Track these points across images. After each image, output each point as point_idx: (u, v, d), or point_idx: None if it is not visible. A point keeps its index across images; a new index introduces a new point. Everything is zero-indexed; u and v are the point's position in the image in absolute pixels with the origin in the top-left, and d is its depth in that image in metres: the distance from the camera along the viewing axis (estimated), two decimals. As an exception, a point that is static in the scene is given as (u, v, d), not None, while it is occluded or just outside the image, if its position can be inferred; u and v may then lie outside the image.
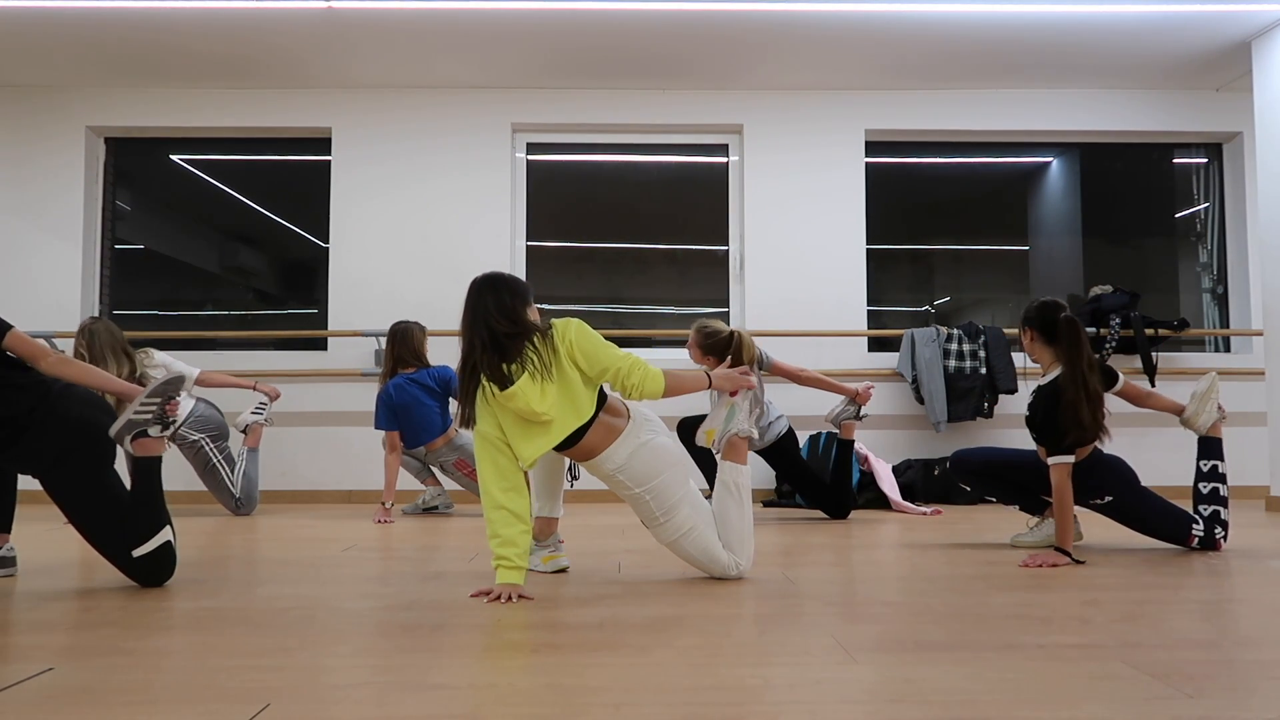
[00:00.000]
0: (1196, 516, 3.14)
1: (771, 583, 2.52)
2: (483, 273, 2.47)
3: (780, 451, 4.31)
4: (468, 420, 2.39)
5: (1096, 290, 5.53)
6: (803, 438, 5.25)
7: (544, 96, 5.56)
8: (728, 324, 5.58)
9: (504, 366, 2.31)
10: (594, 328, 2.45)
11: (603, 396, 2.46)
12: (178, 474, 5.32)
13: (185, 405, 4.47)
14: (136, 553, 2.40)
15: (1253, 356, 5.52)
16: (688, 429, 4.17)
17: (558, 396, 2.33)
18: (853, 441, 4.39)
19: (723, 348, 3.99)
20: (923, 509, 4.61)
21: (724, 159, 5.74)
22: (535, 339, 2.34)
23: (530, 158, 5.71)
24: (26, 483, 2.59)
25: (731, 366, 3.74)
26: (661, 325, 5.62)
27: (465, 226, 5.48)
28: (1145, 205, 5.89)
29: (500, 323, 2.34)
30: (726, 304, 5.64)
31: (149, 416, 2.42)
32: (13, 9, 4.54)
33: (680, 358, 5.49)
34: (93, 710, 1.40)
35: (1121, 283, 5.72)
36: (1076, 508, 3.00)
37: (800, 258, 5.52)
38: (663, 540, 2.50)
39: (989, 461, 3.39)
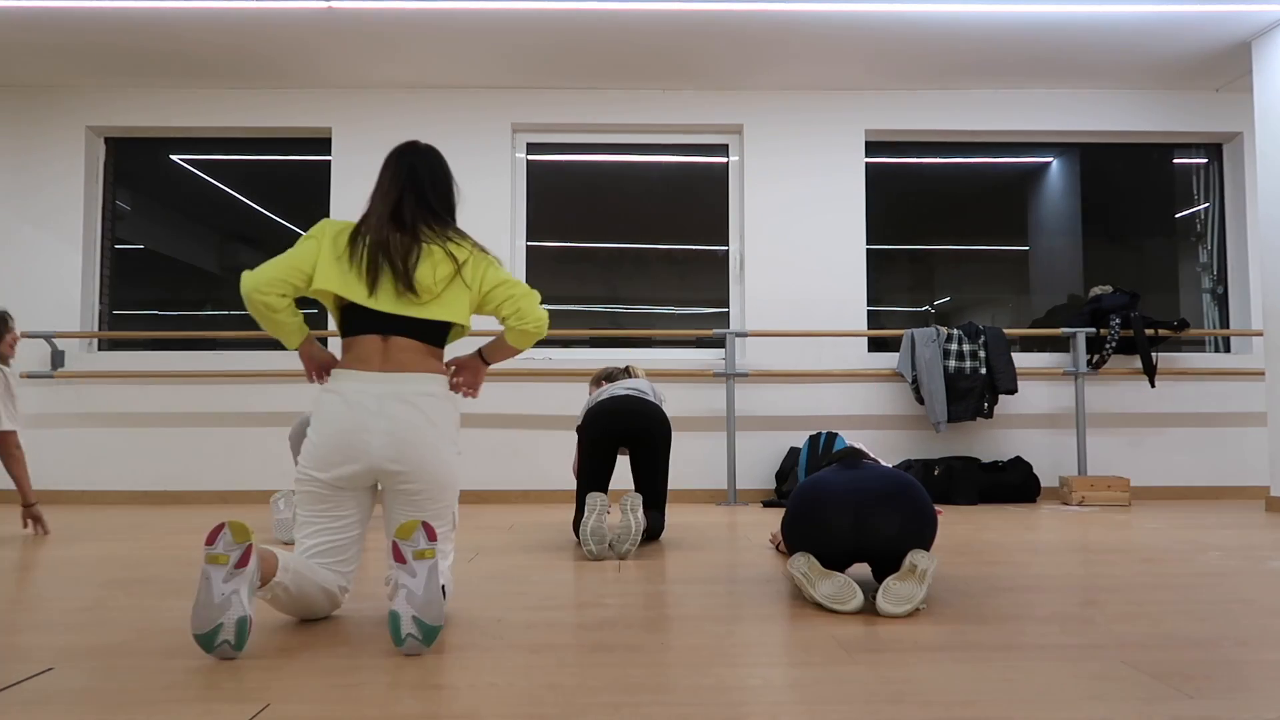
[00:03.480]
0: None
1: (771, 583, 2.52)
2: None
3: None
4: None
5: (1096, 290, 5.54)
6: (802, 438, 5.26)
7: (544, 96, 5.56)
8: (727, 325, 5.63)
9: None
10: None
11: None
12: (181, 474, 5.33)
13: None
14: None
15: (1253, 356, 5.53)
16: None
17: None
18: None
19: (609, 374, 3.92)
20: (923, 509, 4.61)
21: (724, 159, 5.74)
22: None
23: (530, 158, 5.71)
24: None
25: (609, 384, 3.74)
26: (661, 325, 5.62)
27: (465, 226, 5.41)
28: (1145, 205, 5.89)
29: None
30: (726, 304, 5.65)
31: None
32: (13, 9, 4.54)
33: (679, 357, 5.50)
34: (93, 710, 1.40)
35: (1121, 283, 5.73)
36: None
37: (800, 258, 5.53)
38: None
39: None
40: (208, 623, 1.68)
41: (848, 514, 2.17)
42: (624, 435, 3.38)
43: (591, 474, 3.35)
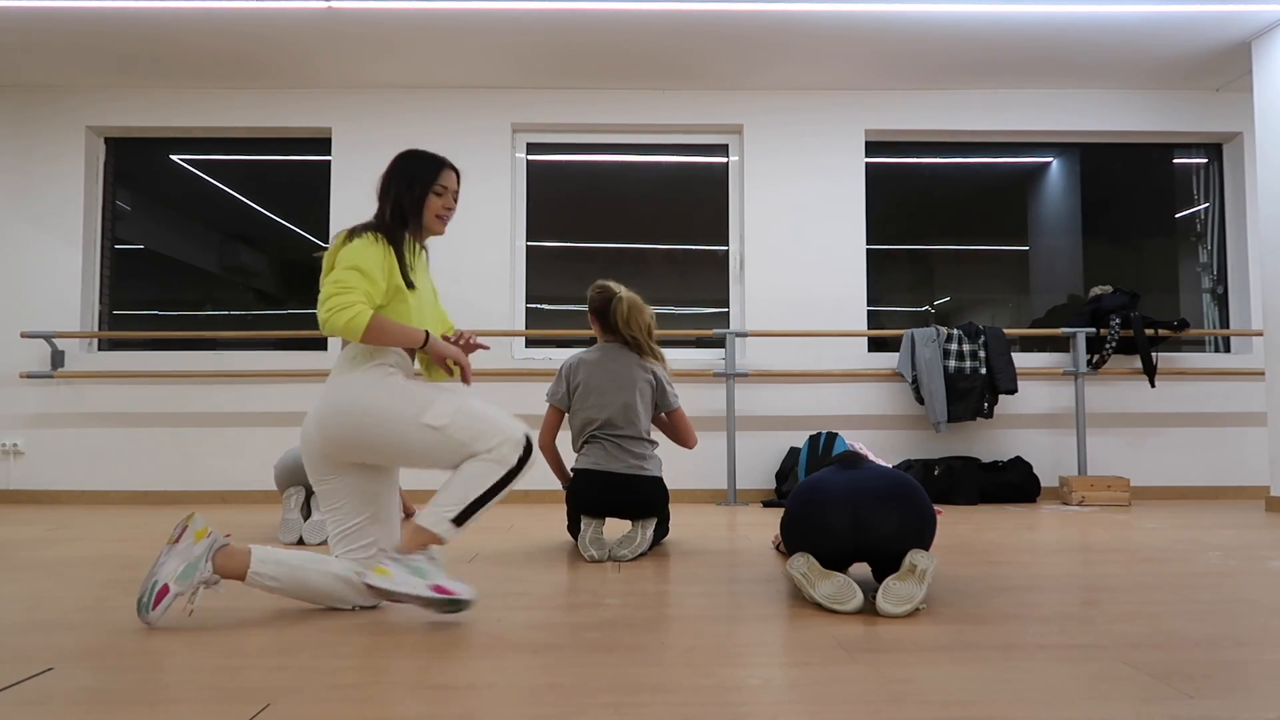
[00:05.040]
0: None
1: (771, 583, 2.52)
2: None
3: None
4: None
5: (1096, 290, 5.54)
6: (802, 438, 5.27)
7: (544, 96, 5.56)
8: (727, 325, 5.62)
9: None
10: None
11: None
12: (181, 474, 5.33)
13: None
14: None
15: (1253, 356, 5.53)
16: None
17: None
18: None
19: (598, 307, 3.34)
20: (923, 509, 4.60)
21: (724, 159, 5.74)
22: None
23: (530, 158, 5.71)
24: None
25: (603, 329, 3.35)
26: (661, 325, 5.62)
27: (465, 226, 5.48)
28: (1145, 205, 5.89)
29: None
30: (726, 304, 5.65)
31: None
32: (13, 9, 4.54)
33: (679, 357, 5.51)
34: (93, 710, 1.40)
35: (1121, 283, 5.73)
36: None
37: (800, 258, 5.53)
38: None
39: None
40: (142, 589, 1.99)
41: (846, 514, 2.17)
42: (613, 511, 3.15)
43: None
